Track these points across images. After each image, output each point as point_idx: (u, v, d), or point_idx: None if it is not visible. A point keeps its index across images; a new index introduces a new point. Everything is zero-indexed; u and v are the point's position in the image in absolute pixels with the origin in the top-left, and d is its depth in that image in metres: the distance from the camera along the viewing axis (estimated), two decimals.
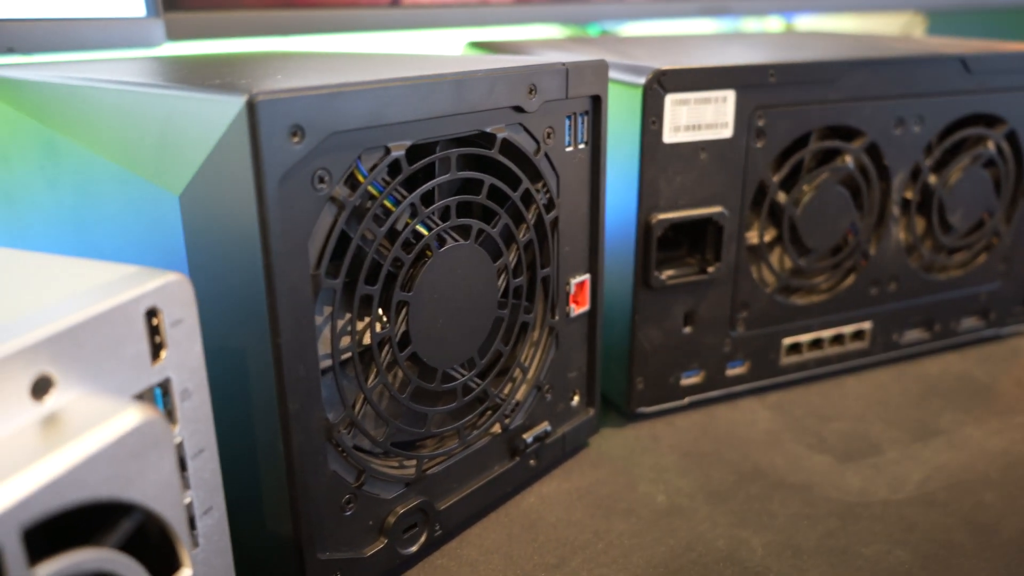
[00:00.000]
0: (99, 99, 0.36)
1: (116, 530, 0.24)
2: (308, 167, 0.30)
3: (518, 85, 0.38)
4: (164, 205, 0.32)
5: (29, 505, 0.20)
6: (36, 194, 0.41)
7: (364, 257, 0.34)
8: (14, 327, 0.23)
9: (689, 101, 0.46)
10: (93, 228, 0.37)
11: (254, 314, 0.31)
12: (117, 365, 0.25)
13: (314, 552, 0.34)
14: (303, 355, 0.32)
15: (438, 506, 0.40)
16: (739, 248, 0.51)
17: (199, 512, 0.29)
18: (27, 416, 0.23)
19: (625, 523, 0.43)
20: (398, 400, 0.37)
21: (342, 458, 0.35)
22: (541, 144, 0.40)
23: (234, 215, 0.30)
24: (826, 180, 0.52)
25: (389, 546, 0.37)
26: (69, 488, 0.21)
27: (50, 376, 0.23)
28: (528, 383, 0.44)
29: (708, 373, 0.53)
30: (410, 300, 0.36)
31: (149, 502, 0.24)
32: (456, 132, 0.36)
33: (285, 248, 0.30)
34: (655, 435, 0.51)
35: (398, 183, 0.34)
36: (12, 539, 0.20)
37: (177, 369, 0.27)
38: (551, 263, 0.43)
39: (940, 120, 0.55)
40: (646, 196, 0.47)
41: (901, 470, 0.48)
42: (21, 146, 0.41)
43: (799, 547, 0.41)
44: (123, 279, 0.26)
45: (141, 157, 0.33)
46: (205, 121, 0.30)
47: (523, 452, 0.44)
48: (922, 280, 0.59)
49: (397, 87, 0.32)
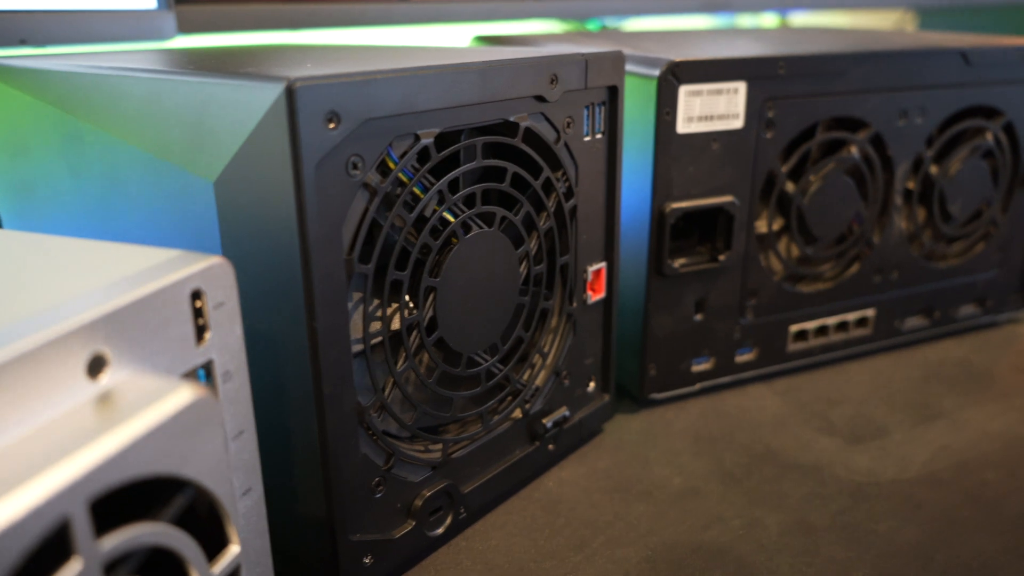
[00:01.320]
0: (127, 87, 0.36)
1: (171, 506, 0.24)
2: (343, 153, 0.31)
3: (541, 75, 0.39)
4: (197, 191, 0.33)
5: (95, 478, 0.21)
6: (58, 183, 0.41)
7: (394, 243, 0.34)
8: (70, 307, 0.23)
9: (702, 92, 0.47)
10: (120, 216, 0.37)
11: (289, 298, 0.31)
12: (165, 345, 0.26)
13: (346, 534, 0.35)
14: (337, 339, 0.32)
15: (462, 489, 0.40)
16: (748, 237, 0.52)
17: (239, 493, 0.30)
18: (83, 394, 0.23)
19: (643, 505, 0.44)
20: (425, 385, 0.38)
21: (373, 441, 0.36)
22: (561, 133, 0.41)
23: (271, 201, 0.30)
24: (832, 170, 0.53)
25: (417, 528, 0.38)
26: (131, 463, 0.22)
27: (104, 355, 0.24)
28: (547, 369, 0.44)
29: (718, 360, 0.54)
30: (437, 286, 0.36)
31: (201, 478, 0.25)
32: (481, 121, 0.37)
33: (321, 233, 0.31)
34: (667, 420, 0.52)
35: (427, 170, 0.35)
36: (80, 511, 0.20)
37: (219, 351, 0.28)
38: (570, 251, 0.43)
39: (941, 112, 0.56)
40: (660, 186, 0.48)
41: (907, 451, 0.49)
42: (43, 135, 0.41)
43: (813, 525, 0.42)
44: (168, 262, 0.27)
45: (172, 144, 0.34)
46: (242, 107, 0.30)
47: (543, 437, 0.45)
48: (923, 268, 0.60)
49: (428, 75, 0.33)
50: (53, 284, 0.25)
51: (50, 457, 0.20)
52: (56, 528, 0.20)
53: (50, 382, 0.22)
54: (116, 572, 0.22)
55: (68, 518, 0.20)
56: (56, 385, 0.22)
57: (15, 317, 0.22)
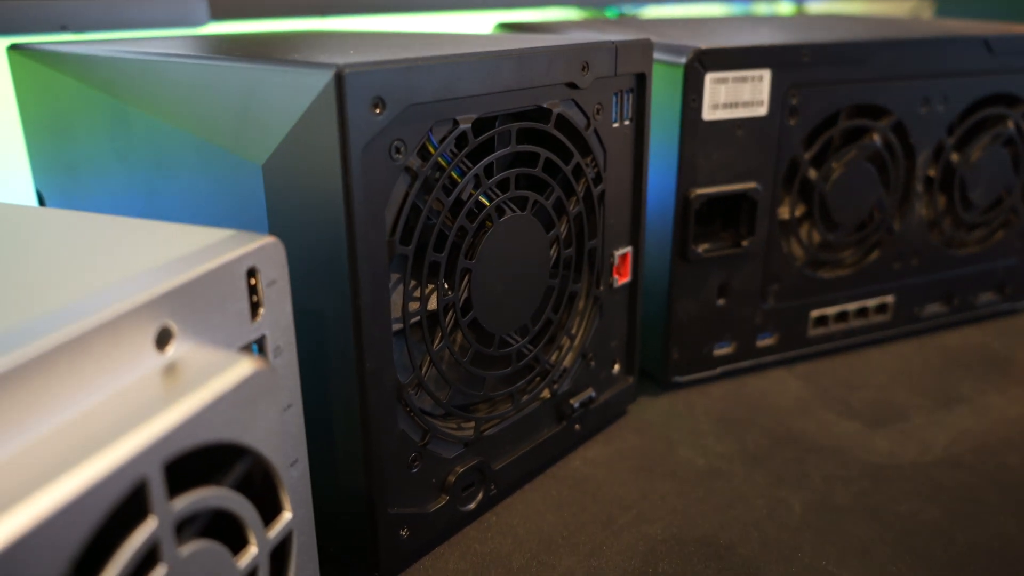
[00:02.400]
0: (174, 73, 0.37)
1: (232, 472, 0.26)
2: (387, 138, 0.32)
3: (573, 62, 0.39)
4: (246, 174, 0.34)
5: (169, 442, 0.22)
6: (103, 165, 0.42)
7: (432, 226, 0.35)
8: (138, 283, 0.24)
9: (727, 79, 0.48)
10: (165, 197, 0.39)
11: (335, 277, 0.32)
12: (223, 321, 0.27)
13: (384, 506, 0.36)
14: (378, 317, 0.34)
15: (493, 466, 0.41)
16: (771, 223, 0.53)
17: (286, 464, 0.31)
18: (152, 364, 0.24)
19: (668, 484, 0.45)
20: (459, 363, 0.39)
21: (410, 418, 0.37)
22: (591, 119, 0.42)
23: (318, 183, 0.31)
24: (854, 157, 0.54)
25: (450, 503, 0.39)
26: (200, 429, 0.23)
27: (171, 328, 0.25)
28: (574, 351, 0.45)
29: (739, 344, 0.55)
30: (472, 268, 0.38)
31: (259, 447, 0.26)
32: (516, 107, 0.38)
33: (366, 215, 0.32)
34: (690, 403, 0.53)
35: (464, 155, 0.36)
36: (156, 473, 0.22)
37: (271, 327, 0.29)
38: (598, 235, 0.44)
39: (963, 99, 0.57)
40: (685, 172, 0.49)
41: (927, 434, 0.50)
42: (87, 118, 0.42)
43: (836, 506, 0.43)
44: (224, 241, 0.28)
45: (220, 128, 0.35)
46: (291, 93, 0.31)
47: (570, 416, 0.46)
48: (943, 255, 0.61)
49: (467, 62, 0.34)
50: (120, 261, 0.26)
51: (128, 422, 0.21)
52: (134, 488, 0.21)
53: (123, 352, 0.23)
54: (183, 533, 0.23)
55: (145, 479, 0.21)
56: (129, 355, 0.23)
57: (90, 291, 0.24)
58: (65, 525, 0.19)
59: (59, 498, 0.19)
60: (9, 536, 0.17)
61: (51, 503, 0.18)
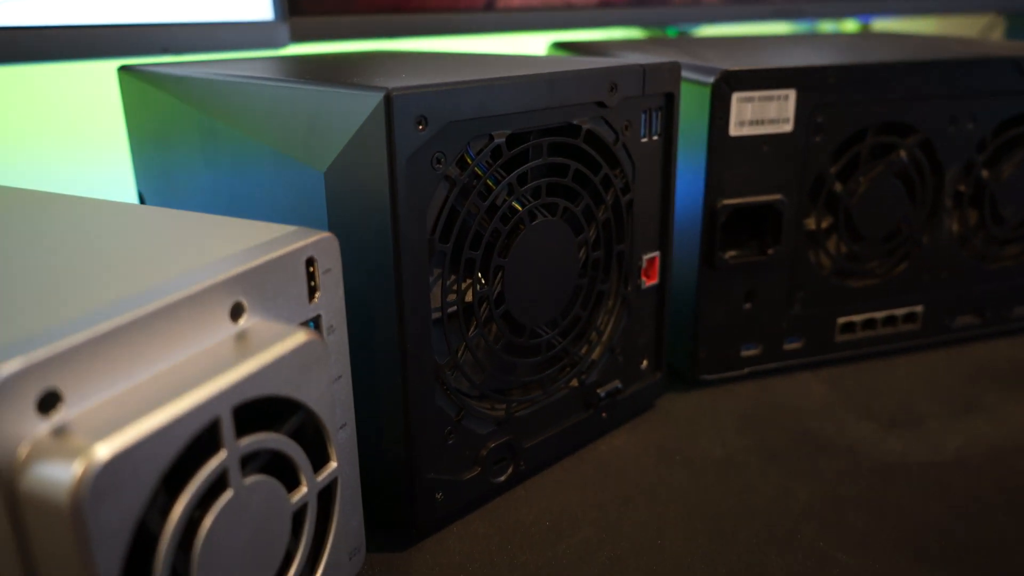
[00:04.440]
0: (255, 92, 0.43)
1: (288, 423, 0.31)
2: (429, 150, 0.37)
3: (601, 83, 0.44)
4: (310, 180, 0.39)
5: (238, 391, 0.28)
6: (194, 171, 0.49)
7: (469, 227, 0.40)
8: (218, 266, 0.30)
9: (753, 99, 0.52)
10: (245, 199, 0.45)
11: (382, 270, 0.38)
12: (286, 301, 0.33)
13: (422, 472, 0.41)
14: (419, 306, 0.39)
15: (523, 445, 0.46)
16: (797, 233, 0.56)
17: (336, 427, 0.37)
18: (227, 332, 0.30)
19: (685, 471, 0.49)
20: (492, 351, 0.44)
21: (446, 396, 0.42)
22: (620, 135, 0.46)
23: (370, 188, 0.37)
24: (881, 173, 0.57)
25: (482, 474, 0.44)
26: (262, 383, 0.29)
27: (243, 303, 0.31)
28: (602, 345, 0.50)
29: (766, 347, 0.59)
30: (505, 265, 0.42)
31: (311, 404, 0.32)
32: (547, 123, 0.42)
33: (410, 216, 0.37)
34: (716, 400, 0.57)
35: (499, 165, 0.41)
36: (227, 414, 0.27)
37: (326, 309, 0.35)
38: (626, 240, 0.49)
39: (993, 118, 0.59)
40: (712, 184, 0.53)
41: (941, 439, 0.52)
42: (183, 131, 0.49)
43: (840, 497, 0.46)
44: (289, 235, 0.34)
45: (291, 140, 0.41)
46: (348, 111, 0.37)
47: (597, 405, 0.50)
48: (974, 269, 0.63)
49: (500, 85, 0.39)
50: (205, 249, 0.32)
51: (206, 374, 0.27)
52: (210, 424, 0.27)
53: (205, 320, 0.29)
54: (247, 468, 0.29)
55: (218, 418, 0.27)
56: (209, 323, 0.29)
57: (181, 271, 0.30)
58: (158, 444, 0.24)
59: (155, 424, 0.24)
60: (120, 446, 0.23)
61: (149, 427, 0.24)
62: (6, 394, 0.23)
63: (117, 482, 0.23)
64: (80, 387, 0.24)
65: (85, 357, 0.24)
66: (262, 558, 0.30)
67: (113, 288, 0.28)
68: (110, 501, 0.23)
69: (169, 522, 0.25)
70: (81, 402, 0.24)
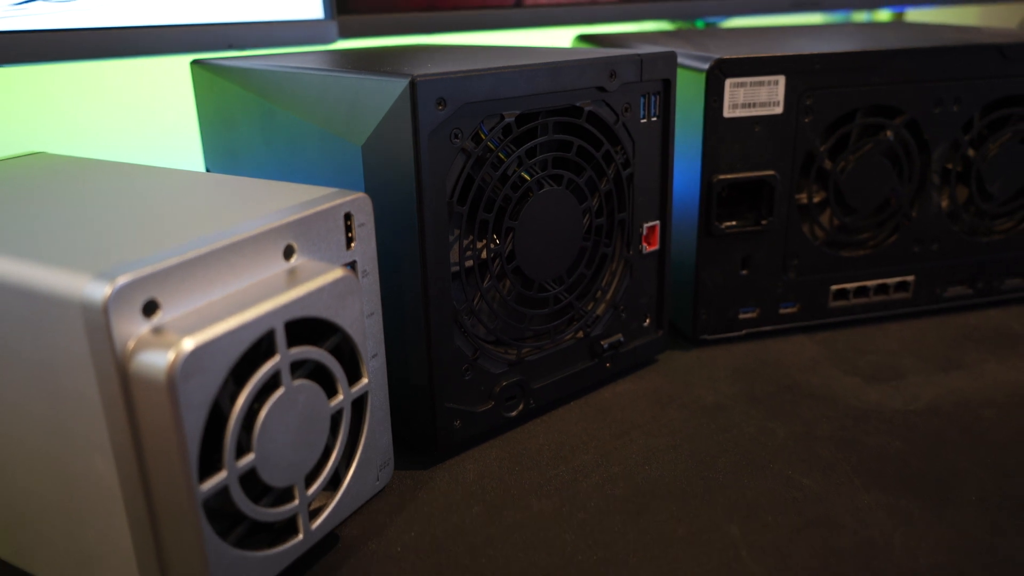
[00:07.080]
0: (306, 80, 0.51)
1: (329, 340, 0.39)
2: (448, 127, 0.44)
3: (601, 71, 0.51)
4: (350, 153, 0.47)
5: (289, 309, 0.35)
6: (255, 150, 0.57)
7: (483, 193, 0.48)
8: (274, 216, 0.38)
9: (745, 84, 0.58)
10: (296, 170, 0.53)
11: (409, 227, 0.45)
12: (328, 247, 0.40)
13: (443, 400, 0.49)
14: (440, 259, 0.46)
15: (533, 385, 0.53)
16: (790, 207, 0.62)
17: (369, 356, 0.44)
18: (280, 267, 0.38)
19: (678, 412, 0.55)
20: (505, 301, 0.51)
21: (464, 337, 0.49)
22: (620, 116, 0.53)
23: (399, 159, 0.44)
24: (869, 151, 0.62)
25: (495, 408, 0.51)
26: (308, 305, 0.36)
27: (294, 246, 0.38)
28: (606, 302, 0.56)
29: (763, 310, 0.64)
30: (515, 227, 0.49)
31: (348, 328, 0.39)
32: (553, 105, 0.49)
33: (431, 183, 0.44)
34: (713, 356, 0.63)
35: (509, 140, 0.48)
36: (280, 327, 0.35)
37: (361, 256, 0.42)
38: (627, 209, 0.55)
39: (978, 101, 0.63)
40: (708, 161, 0.59)
41: (917, 391, 0.57)
42: (246, 115, 0.57)
43: (814, 435, 0.52)
44: (331, 194, 0.41)
45: (334, 120, 0.48)
46: (381, 95, 0.44)
47: (600, 355, 0.57)
48: (965, 242, 0.67)
49: (508, 72, 0.46)
50: (264, 204, 0.40)
51: (266, 295, 0.35)
52: (266, 334, 0.34)
53: (263, 257, 0.37)
54: (296, 373, 0.37)
55: (273, 330, 0.35)
56: (266, 260, 0.37)
57: (245, 219, 0.37)
58: (229, 344, 0.32)
59: (226, 327, 0.32)
60: (201, 341, 0.31)
61: (222, 329, 0.32)
62: (121, 300, 0.31)
63: (199, 367, 0.31)
64: (173, 299, 0.32)
65: (176, 277, 0.32)
66: (307, 446, 0.38)
67: (196, 228, 0.36)
68: (194, 381, 0.31)
69: (236, 404, 0.33)
70: (173, 310, 0.32)
